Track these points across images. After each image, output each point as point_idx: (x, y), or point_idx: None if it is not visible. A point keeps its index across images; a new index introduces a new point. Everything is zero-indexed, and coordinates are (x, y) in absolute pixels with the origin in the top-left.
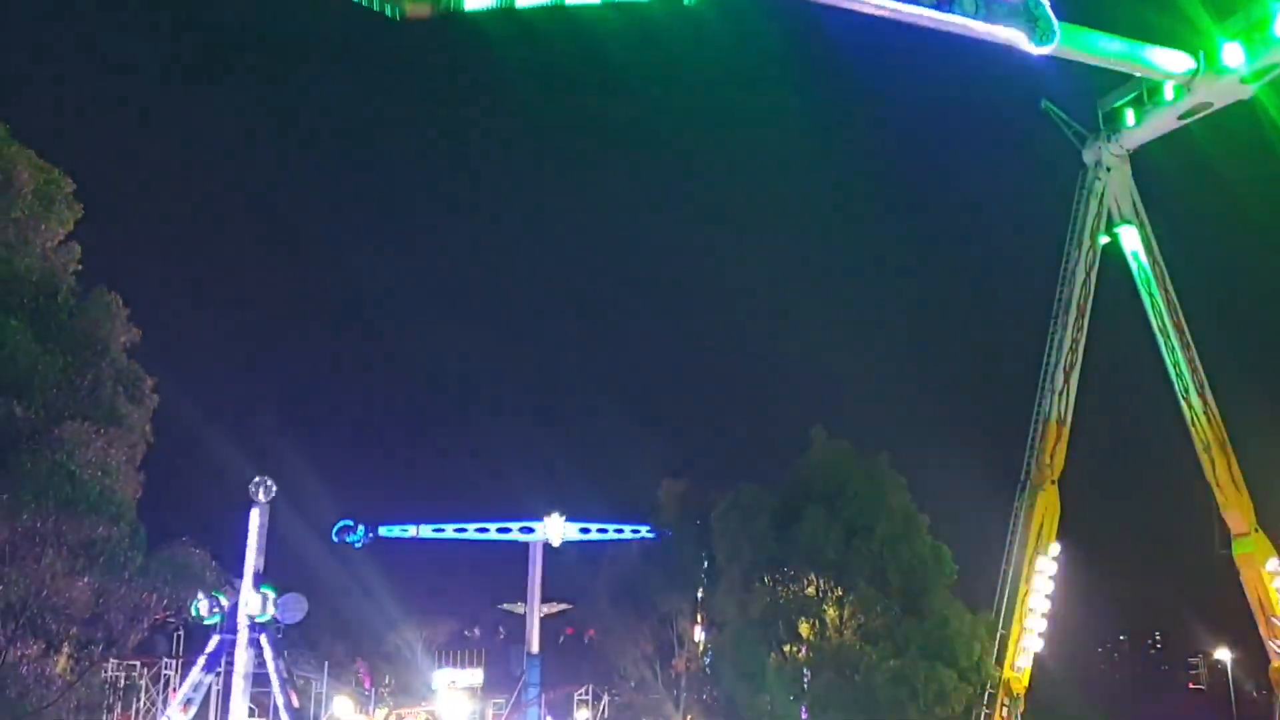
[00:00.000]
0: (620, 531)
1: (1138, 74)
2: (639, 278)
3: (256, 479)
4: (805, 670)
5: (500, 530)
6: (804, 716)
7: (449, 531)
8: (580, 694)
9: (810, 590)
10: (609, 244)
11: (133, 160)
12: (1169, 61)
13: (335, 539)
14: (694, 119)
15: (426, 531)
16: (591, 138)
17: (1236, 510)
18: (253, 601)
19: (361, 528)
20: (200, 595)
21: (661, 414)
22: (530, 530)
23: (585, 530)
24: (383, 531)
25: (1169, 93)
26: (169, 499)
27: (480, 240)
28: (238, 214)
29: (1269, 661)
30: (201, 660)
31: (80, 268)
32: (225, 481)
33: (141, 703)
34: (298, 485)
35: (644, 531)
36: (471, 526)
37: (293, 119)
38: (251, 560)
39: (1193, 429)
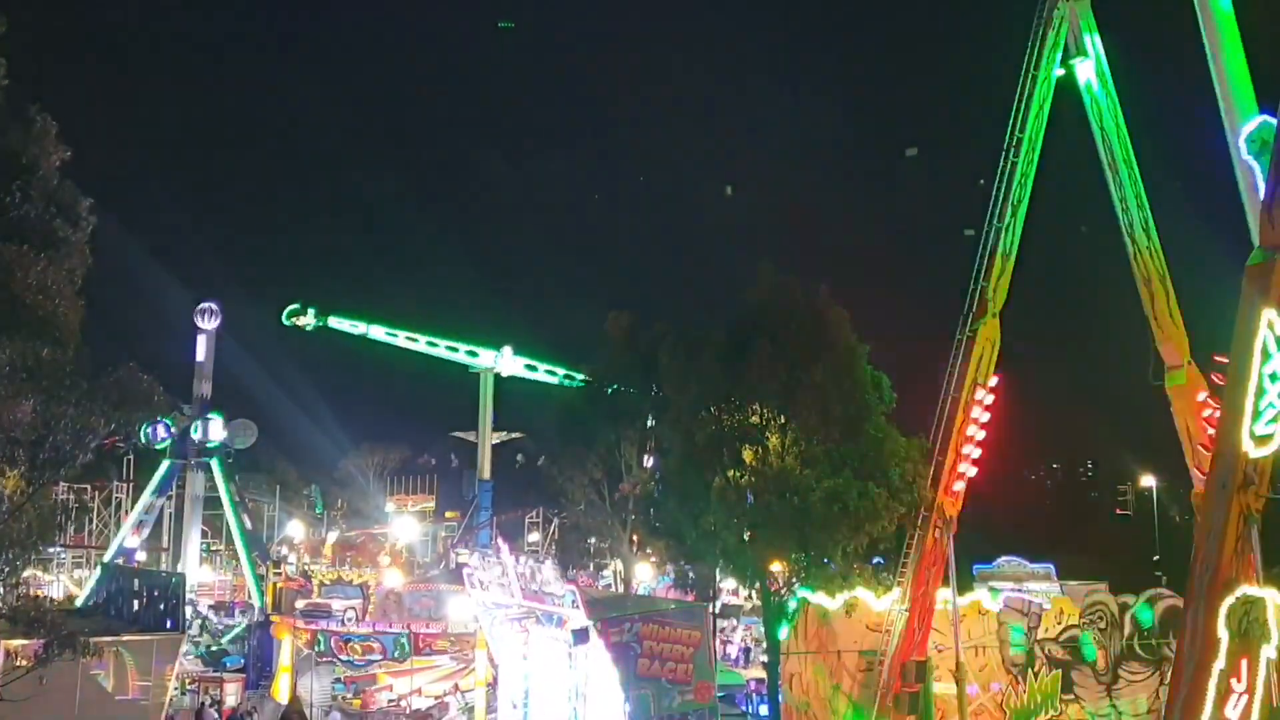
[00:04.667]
0: (571, 379)
1: None
2: (577, 109)
3: (202, 304)
4: (748, 494)
5: (449, 348)
6: (747, 537)
7: (400, 339)
8: (531, 517)
9: (754, 419)
10: (543, 77)
11: None
12: None
13: (286, 322)
14: None
15: (379, 333)
16: None
17: (1172, 343)
18: (202, 426)
19: (312, 311)
20: (149, 420)
21: (608, 248)
22: (476, 355)
23: (532, 368)
24: (333, 322)
25: None
26: (111, 325)
27: (413, 72)
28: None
29: (1193, 488)
30: (152, 484)
31: (6, 82)
32: (168, 310)
33: (94, 524)
34: (242, 314)
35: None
36: (423, 337)
37: None
38: (199, 385)
39: (1134, 263)
